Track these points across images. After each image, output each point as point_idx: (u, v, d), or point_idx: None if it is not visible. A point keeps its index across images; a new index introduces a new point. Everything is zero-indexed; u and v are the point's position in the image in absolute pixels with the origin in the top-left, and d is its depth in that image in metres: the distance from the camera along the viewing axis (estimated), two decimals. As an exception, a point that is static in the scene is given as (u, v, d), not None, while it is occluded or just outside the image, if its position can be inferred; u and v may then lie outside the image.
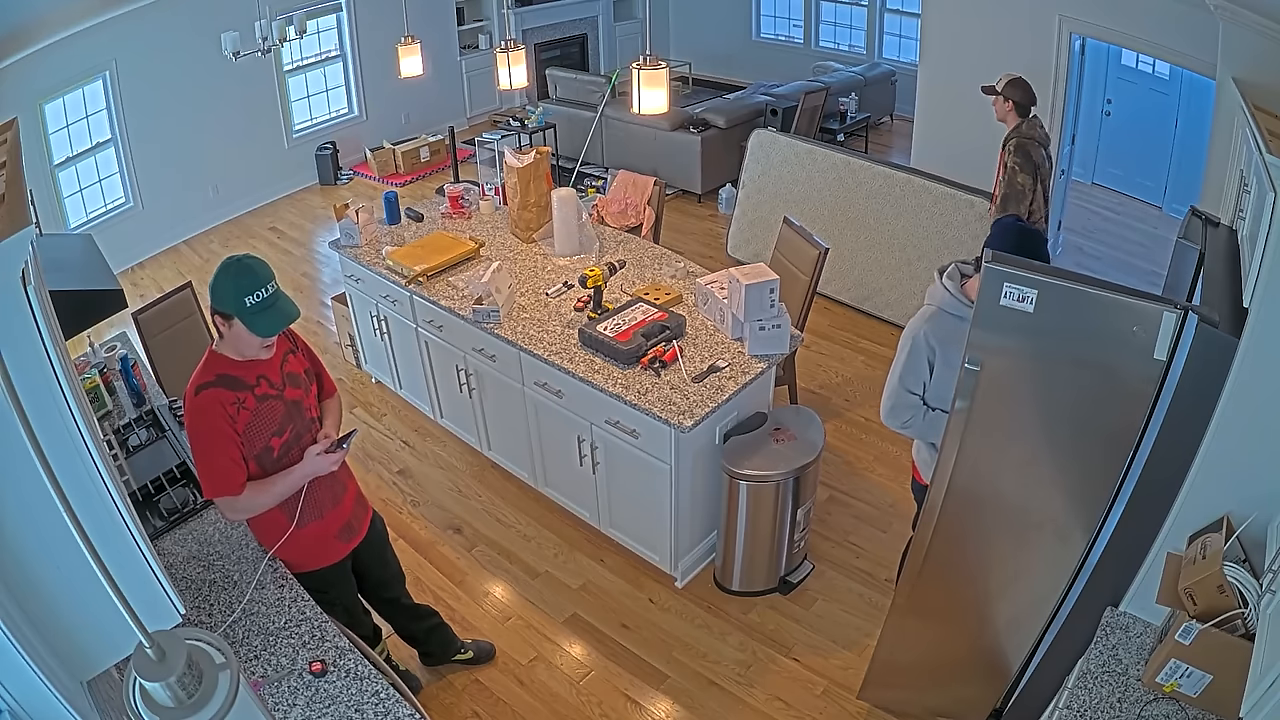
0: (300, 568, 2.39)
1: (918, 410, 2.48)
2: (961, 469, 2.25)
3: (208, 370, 2.14)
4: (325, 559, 2.43)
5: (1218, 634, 1.75)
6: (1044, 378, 2.06)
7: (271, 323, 2.08)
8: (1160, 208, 6.83)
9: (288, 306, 2.13)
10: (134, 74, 6.17)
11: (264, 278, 2.08)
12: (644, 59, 2.97)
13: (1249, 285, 1.74)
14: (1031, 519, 2.24)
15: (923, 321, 2.44)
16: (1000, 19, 4.42)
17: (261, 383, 2.19)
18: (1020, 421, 2.15)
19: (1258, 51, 2.50)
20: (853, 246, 5.19)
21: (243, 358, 2.16)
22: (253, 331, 2.07)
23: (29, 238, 1.32)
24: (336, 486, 2.44)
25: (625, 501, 3.36)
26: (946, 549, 2.42)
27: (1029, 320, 1.95)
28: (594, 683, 3.06)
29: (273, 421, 2.20)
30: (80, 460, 1.40)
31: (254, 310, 2.05)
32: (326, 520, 2.40)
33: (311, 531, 2.37)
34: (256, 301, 2.05)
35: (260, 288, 2.06)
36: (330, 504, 2.41)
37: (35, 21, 4.90)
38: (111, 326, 4.02)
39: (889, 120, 9.07)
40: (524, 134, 7.59)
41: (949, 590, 2.50)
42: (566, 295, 3.64)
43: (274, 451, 2.21)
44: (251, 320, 2.05)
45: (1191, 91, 6.23)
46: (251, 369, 2.17)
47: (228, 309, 2.06)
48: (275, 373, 2.24)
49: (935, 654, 2.65)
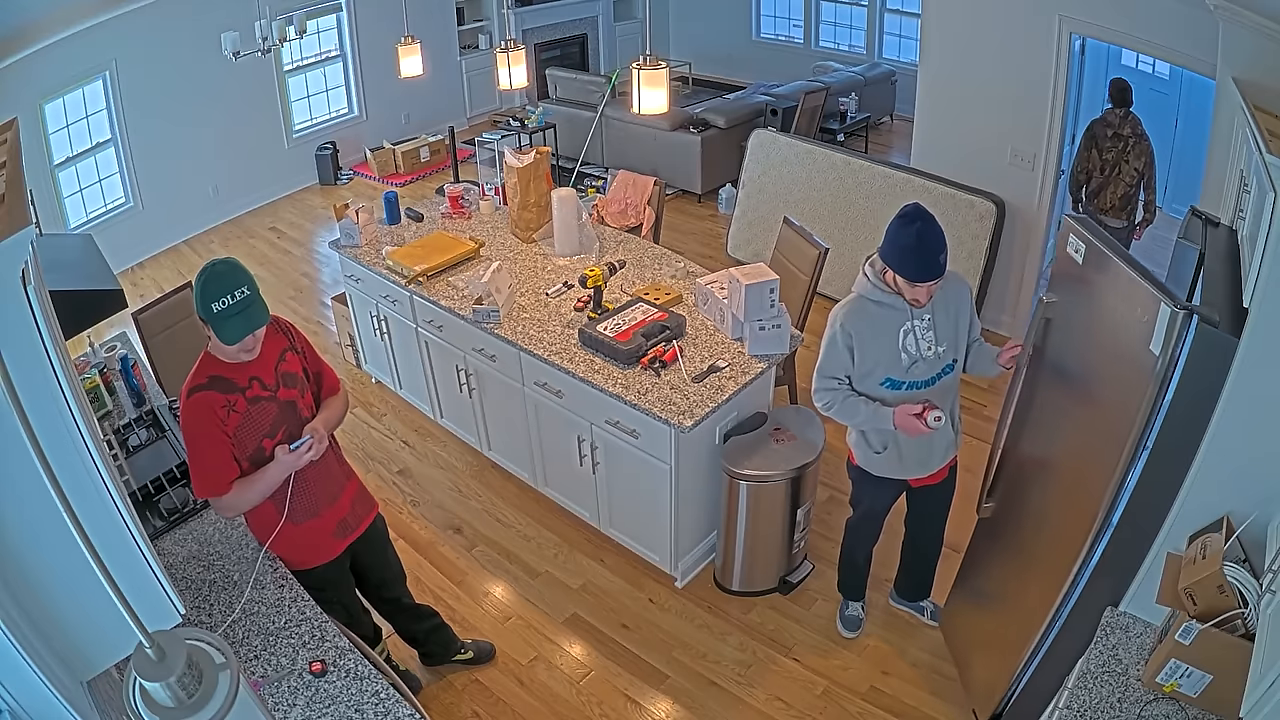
0: (298, 565, 2.40)
1: (838, 393, 2.58)
2: (1017, 426, 2.52)
3: (200, 373, 2.16)
4: (321, 556, 2.44)
5: (1218, 634, 1.75)
6: (1077, 333, 2.28)
7: (235, 329, 2.06)
8: (1160, 208, 6.82)
9: (256, 313, 2.10)
10: (134, 74, 6.17)
11: (232, 284, 2.05)
12: (644, 59, 2.97)
13: (1249, 285, 1.74)
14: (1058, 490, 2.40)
15: (841, 310, 2.57)
16: (1000, 19, 4.41)
17: (254, 384, 2.19)
18: (1058, 374, 2.38)
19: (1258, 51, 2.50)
20: (853, 246, 5.18)
21: (231, 359, 2.16)
22: (219, 338, 2.07)
23: (29, 238, 1.32)
24: (333, 485, 2.44)
25: (625, 501, 3.36)
26: (1005, 511, 2.61)
27: (1078, 270, 2.21)
28: (594, 683, 3.06)
29: (264, 424, 2.21)
30: (80, 460, 1.40)
31: (221, 316, 2.04)
32: (323, 518, 2.41)
33: (308, 528, 2.37)
34: (223, 308, 2.04)
35: (226, 294, 2.04)
36: (326, 502, 2.41)
37: (35, 21, 4.90)
38: (111, 326, 4.02)
39: (889, 120, 9.07)
40: (524, 134, 7.58)
41: (1003, 555, 2.72)
42: (566, 295, 3.64)
43: (266, 452, 2.22)
44: (218, 326, 2.05)
45: (1191, 91, 6.22)
46: (243, 371, 2.18)
47: (200, 314, 2.07)
48: (269, 374, 2.24)
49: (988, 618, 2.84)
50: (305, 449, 2.22)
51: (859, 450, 2.77)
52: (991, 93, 4.56)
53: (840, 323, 2.54)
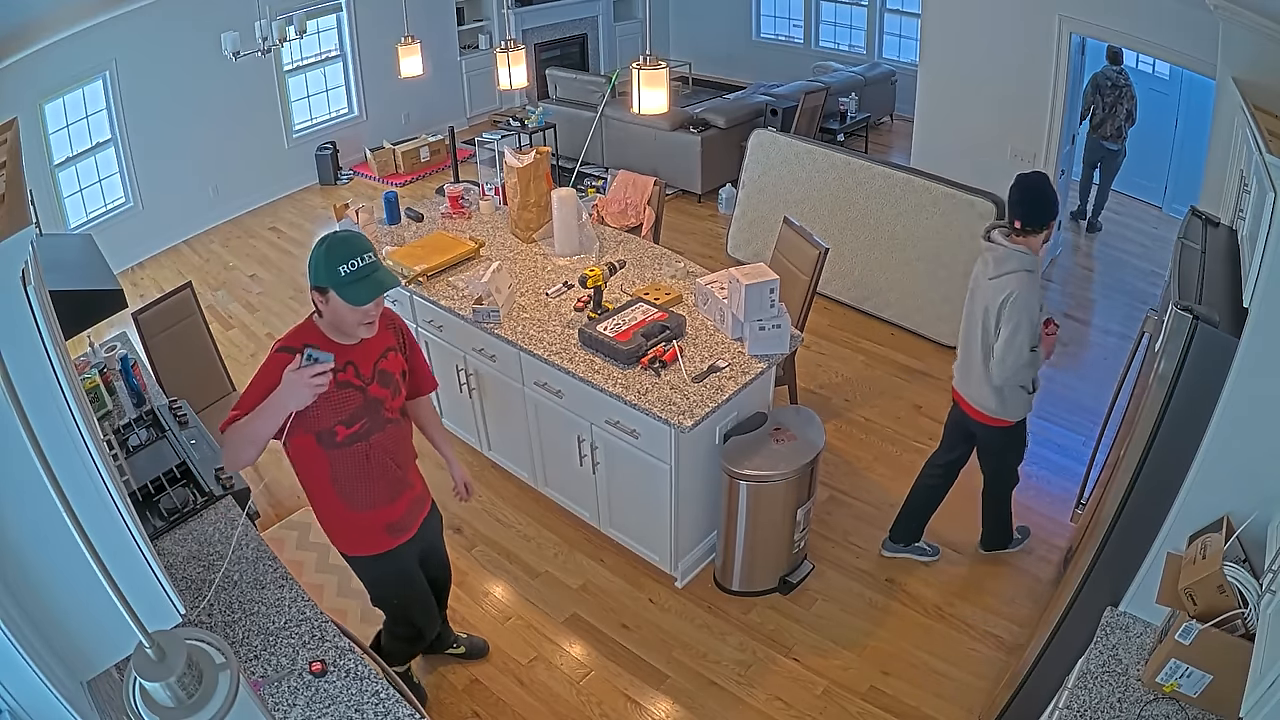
0: (346, 550, 2.43)
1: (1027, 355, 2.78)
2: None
3: (295, 336, 2.12)
4: (368, 548, 2.42)
5: (1218, 634, 1.75)
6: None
7: (364, 291, 2.03)
8: (1160, 208, 6.83)
9: (384, 277, 2.08)
10: (134, 74, 6.17)
11: (359, 248, 2.04)
12: (644, 59, 2.97)
13: (1249, 285, 1.74)
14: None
15: (1026, 289, 2.70)
16: (1000, 19, 4.42)
17: (348, 368, 2.15)
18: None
19: (1258, 51, 2.50)
20: (853, 246, 5.19)
21: (340, 337, 2.12)
22: (347, 301, 2.02)
23: (29, 238, 1.32)
24: (399, 484, 2.40)
25: (625, 501, 3.36)
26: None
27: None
28: (594, 683, 3.06)
29: (344, 409, 2.16)
30: (80, 460, 1.40)
31: (348, 280, 2.01)
32: (379, 513, 2.37)
33: (361, 517, 2.34)
34: (351, 271, 2.01)
35: (355, 257, 2.02)
36: (385, 499, 2.36)
37: (35, 21, 4.90)
38: (111, 326, 4.01)
39: (889, 120, 9.07)
40: (524, 134, 7.58)
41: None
42: (566, 295, 3.64)
43: (337, 436, 2.17)
44: (345, 290, 2.01)
45: (1191, 91, 6.23)
46: (342, 354, 2.11)
47: (322, 281, 2.03)
48: (367, 365, 2.20)
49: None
50: (321, 368, 1.98)
51: (1011, 405, 2.95)
52: (991, 92, 4.57)
53: (1036, 303, 2.73)
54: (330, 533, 2.41)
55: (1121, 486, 2.05)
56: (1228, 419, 1.80)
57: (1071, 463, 3.60)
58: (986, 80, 4.54)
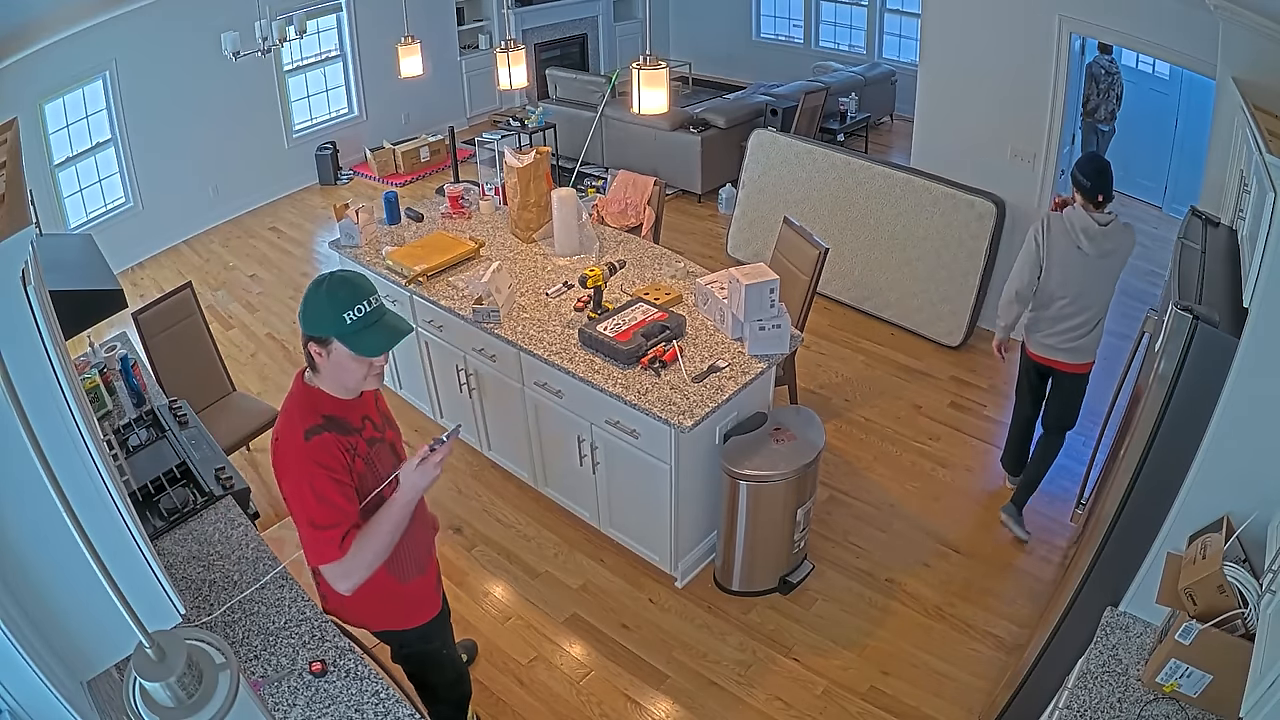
0: (403, 625, 2.19)
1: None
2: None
3: (309, 410, 1.80)
4: (430, 611, 2.24)
5: (1218, 634, 1.75)
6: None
7: (377, 340, 1.76)
8: (1160, 208, 6.83)
9: (397, 322, 1.80)
10: (134, 74, 6.17)
11: (365, 291, 1.77)
12: (644, 59, 2.97)
13: (1249, 285, 1.74)
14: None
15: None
16: (1000, 19, 4.41)
17: (367, 425, 1.89)
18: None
19: (1258, 51, 2.50)
20: (853, 246, 5.19)
21: (344, 393, 1.85)
22: (356, 352, 1.75)
23: (29, 238, 1.32)
24: (426, 530, 2.24)
25: (625, 501, 3.36)
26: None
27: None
28: (594, 683, 3.06)
29: (385, 468, 1.90)
30: (80, 460, 1.39)
31: (355, 328, 1.74)
32: (428, 574, 2.21)
33: (415, 586, 2.16)
34: (359, 316, 1.74)
35: (361, 300, 1.75)
36: (426, 552, 2.18)
37: (35, 21, 4.90)
38: (111, 326, 4.02)
39: (889, 120, 9.07)
40: (524, 134, 7.58)
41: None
42: (566, 295, 3.64)
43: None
44: (353, 340, 1.74)
45: (1191, 91, 6.23)
46: (354, 409, 1.87)
47: (324, 331, 1.75)
48: (375, 412, 1.96)
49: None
50: (445, 450, 1.81)
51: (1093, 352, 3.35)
52: (991, 92, 4.56)
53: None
54: (373, 620, 2.15)
55: (1121, 486, 2.05)
56: (1228, 419, 1.80)
57: (1071, 462, 3.60)
58: (986, 80, 4.53)
